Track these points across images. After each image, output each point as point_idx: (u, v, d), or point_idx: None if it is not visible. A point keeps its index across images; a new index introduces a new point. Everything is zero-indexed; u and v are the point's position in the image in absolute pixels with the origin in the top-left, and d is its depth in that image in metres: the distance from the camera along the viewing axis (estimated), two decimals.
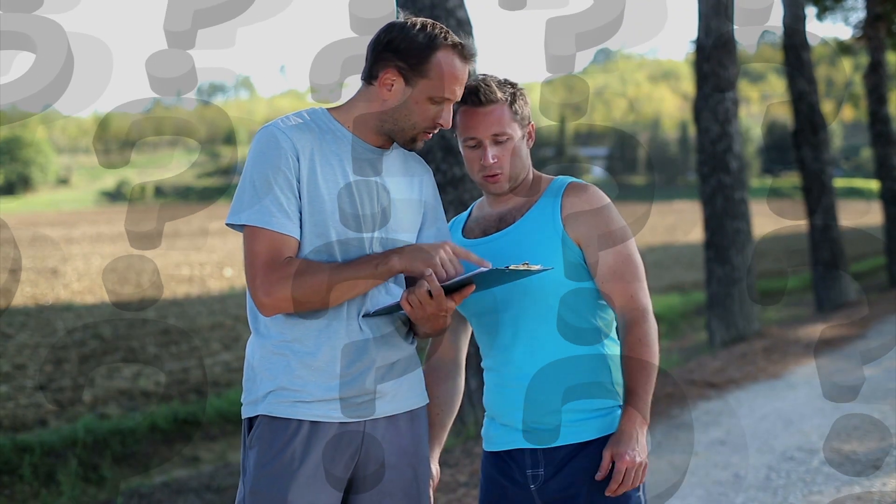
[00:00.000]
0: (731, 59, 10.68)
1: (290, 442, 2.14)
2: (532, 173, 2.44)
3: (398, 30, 2.19)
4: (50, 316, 13.72)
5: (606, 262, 2.30)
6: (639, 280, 2.32)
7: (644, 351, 2.26)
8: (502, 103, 2.34)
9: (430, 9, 5.96)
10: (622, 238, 2.32)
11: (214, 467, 7.01)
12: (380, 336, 2.22)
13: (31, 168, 67.21)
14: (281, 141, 2.15)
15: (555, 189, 2.38)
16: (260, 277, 2.11)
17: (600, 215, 2.32)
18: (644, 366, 2.25)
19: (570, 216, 2.32)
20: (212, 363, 10.73)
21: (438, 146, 6.17)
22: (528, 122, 2.40)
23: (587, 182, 2.41)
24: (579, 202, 2.33)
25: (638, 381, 2.25)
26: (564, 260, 2.30)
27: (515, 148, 2.35)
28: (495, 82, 2.36)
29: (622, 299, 2.30)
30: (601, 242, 2.30)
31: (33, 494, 6.42)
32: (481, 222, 2.45)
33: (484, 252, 2.33)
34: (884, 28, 16.27)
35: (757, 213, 11.74)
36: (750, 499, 4.86)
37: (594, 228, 2.30)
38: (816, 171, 13.61)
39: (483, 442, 2.46)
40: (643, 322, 2.29)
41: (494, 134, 2.33)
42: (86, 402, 8.76)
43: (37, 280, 18.23)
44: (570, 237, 2.30)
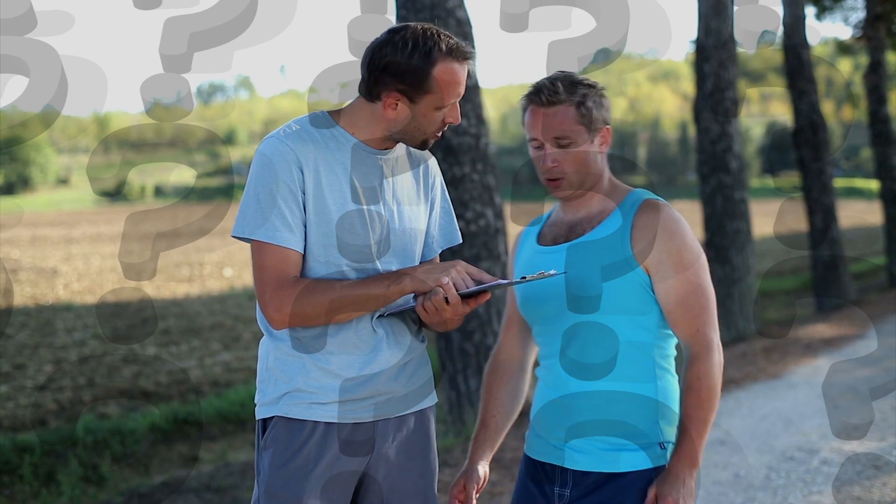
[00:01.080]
0: (731, 59, 10.69)
1: (306, 443, 2.16)
2: (608, 181, 2.31)
3: (391, 51, 2.13)
4: (50, 316, 13.72)
5: (675, 290, 2.18)
6: (707, 312, 2.19)
7: (703, 390, 2.15)
8: (568, 104, 2.22)
9: (430, 9, 5.96)
10: (693, 265, 2.19)
11: (214, 467, 7.00)
12: (392, 337, 2.23)
13: (31, 168, 67.23)
14: (284, 153, 2.14)
15: (629, 204, 2.25)
16: (269, 294, 2.12)
17: (673, 239, 2.18)
18: (701, 405, 2.15)
19: (641, 237, 2.19)
20: (212, 363, 10.73)
21: (438, 146, 6.17)
22: (600, 125, 2.25)
23: (664, 201, 2.27)
24: (652, 223, 2.19)
25: (693, 421, 2.15)
26: (628, 283, 2.19)
27: (581, 153, 2.23)
28: (565, 82, 2.23)
29: (687, 331, 2.19)
30: (671, 269, 2.18)
31: (33, 494, 6.42)
32: (554, 228, 2.36)
33: (548, 263, 2.26)
34: (884, 28, 16.27)
35: (757, 213, 11.74)
36: (750, 499, 4.86)
37: (664, 253, 2.18)
38: (816, 171, 13.61)
39: (525, 443, 2.42)
40: (706, 358, 2.17)
41: (556, 137, 2.22)
42: (86, 402, 8.75)
43: (37, 280, 18.22)
44: (637, 260, 2.18)
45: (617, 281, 2.18)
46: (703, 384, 2.15)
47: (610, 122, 2.29)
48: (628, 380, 2.21)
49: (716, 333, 2.20)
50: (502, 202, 6.46)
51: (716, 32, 10.62)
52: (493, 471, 5.32)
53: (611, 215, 2.25)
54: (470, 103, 6.25)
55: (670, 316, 2.20)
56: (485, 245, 6.21)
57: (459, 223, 6.16)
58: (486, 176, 6.30)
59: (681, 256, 2.18)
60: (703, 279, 2.20)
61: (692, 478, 2.14)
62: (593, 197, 2.29)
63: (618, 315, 2.20)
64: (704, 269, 2.21)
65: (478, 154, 6.27)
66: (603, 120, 2.26)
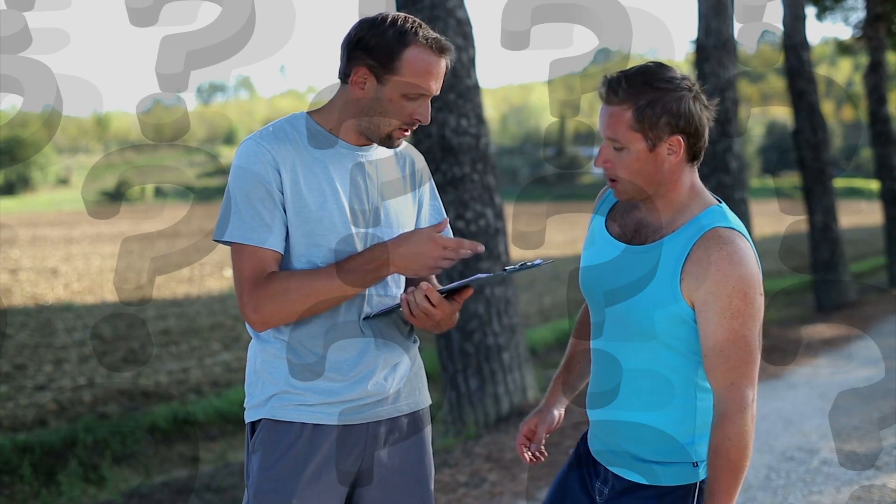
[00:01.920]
0: (731, 59, 10.69)
1: (294, 445, 2.15)
2: (688, 189, 2.12)
3: (368, 27, 2.14)
4: (50, 316, 13.72)
5: (714, 336, 2.01)
6: (746, 366, 2.01)
7: (732, 452, 2.00)
8: (626, 107, 2.03)
9: (429, 9, 5.96)
10: (743, 314, 2.00)
11: (214, 467, 7.00)
12: (381, 338, 2.21)
13: (31, 168, 67.19)
14: (259, 154, 2.13)
15: (695, 228, 2.07)
16: (247, 295, 2.11)
17: (725, 283, 1.99)
18: (730, 469, 2.01)
19: (692, 271, 2.02)
20: (212, 363, 10.72)
21: (438, 146, 6.17)
22: (666, 133, 2.03)
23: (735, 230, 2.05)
24: (707, 259, 2.01)
25: (721, 485, 2.01)
26: (669, 315, 2.05)
27: (634, 160, 2.05)
28: (635, 80, 2.03)
29: (722, 382, 2.02)
30: (715, 313, 2.01)
31: (33, 494, 6.42)
32: (624, 217, 2.20)
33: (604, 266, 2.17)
34: (884, 28, 16.26)
35: (757, 213, 11.73)
36: (750, 499, 4.85)
37: (712, 295, 2.00)
38: (816, 171, 13.61)
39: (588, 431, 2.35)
40: (738, 416, 2.01)
41: (609, 137, 2.07)
42: (86, 401, 8.75)
43: (37, 280, 18.22)
44: (683, 294, 2.03)
45: (659, 309, 2.06)
46: (733, 447, 2.01)
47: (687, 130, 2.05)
48: (665, 397, 2.13)
49: (752, 390, 2.04)
50: (502, 202, 6.46)
51: (716, 32, 10.62)
52: (493, 471, 5.32)
53: (677, 231, 2.09)
54: (470, 103, 6.25)
55: (706, 361, 2.05)
56: (485, 245, 6.21)
57: (459, 223, 6.17)
58: (486, 176, 6.30)
59: (729, 302, 2.00)
60: (750, 330, 2.02)
61: None
62: (667, 204, 2.12)
63: (654, 342, 2.09)
64: (754, 320, 2.02)
65: (478, 154, 6.27)
66: (672, 127, 2.03)
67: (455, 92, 6.13)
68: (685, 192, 2.12)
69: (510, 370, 6.27)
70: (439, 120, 6.10)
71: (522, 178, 66.79)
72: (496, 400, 6.24)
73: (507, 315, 6.29)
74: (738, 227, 2.07)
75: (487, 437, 5.90)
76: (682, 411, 2.13)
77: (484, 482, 5.17)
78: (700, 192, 2.14)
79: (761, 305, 2.04)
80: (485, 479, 5.21)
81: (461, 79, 6.16)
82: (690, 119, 2.05)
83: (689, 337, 2.08)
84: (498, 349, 6.22)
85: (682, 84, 2.05)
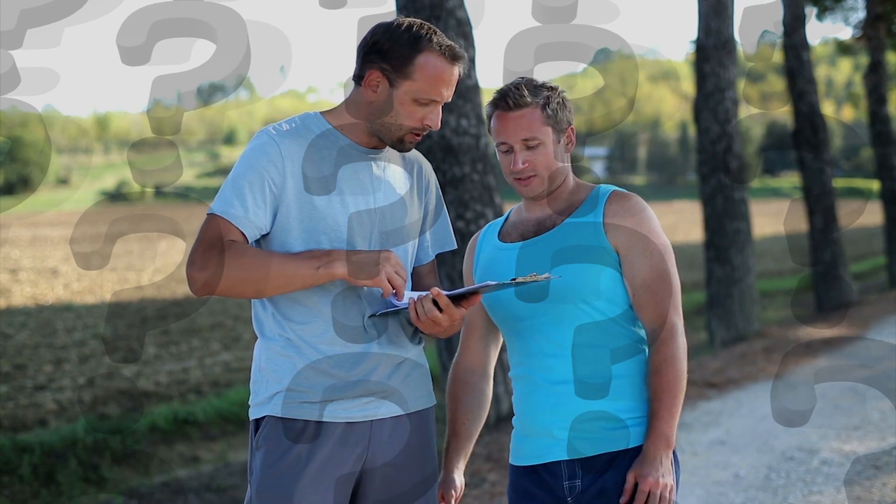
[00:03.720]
0: (731, 59, 10.69)
1: (297, 442, 2.15)
2: (572, 180, 2.38)
3: (383, 31, 2.18)
4: (50, 316, 13.72)
5: (641, 275, 2.24)
6: (672, 297, 2.25)
7: (669, 371, 2.20)
8: (534, 107, 2.28)
9: (429, 9, 5.96)
10: (661, 252, 2.26)
11: (214, 467, 7.01)
12: (385, 337, 2.21)
13: (31, 168, 67.18)
14: (267, 146, 2.15)
15: (597, 196, 2.32)
16: (198, 252, 2.09)
17: (642, 225, 2.25)
18: (669, 386, 2.20)
19: (612, 223, 2.26)
20: (212, 363, 10.73)
21: (438, 146, 6.17)
22: (566, 125, 2.33)
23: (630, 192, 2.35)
24: (622, 210, 2.27)
25: (662, 403, 2.20)
26: (602, 264, 2.24)
27: (549, 153, 2.30)
28: (529, 86, 2.30)
29: (652, 315, 2.25)
30: (639, 253, 2.24)
31: (33, 494, 6.42)
32: (519, 227, 2.40)
33: (521, 255, 2.31)
34: (884, 28, 16.27)
35: (757, 213, 11.73)
36: (750, 499, 4.85)
37: (634, 238, 2.25)
38: (816, 171, 13.61)
39: (511, 456, 2.39)
40: (670, 341, 2.22)
41: (524, 139, 2.28)
42: (86, 401, 8.75)
43: (37, 280, 18.22)
44: (610, 244, 2.25)
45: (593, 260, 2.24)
46: (670, 367, 2.20)
47: (573, 123, 2.36)
48: (618, 357, 2.25)
49: (680, 319, 2.26)
50: (502, 202, 6.46)
51: (716, 32, 10.62)
52: (493, 471, 5.32)
53: (579, 207, 2.32)
54: (470, 103, 6.25)
55: (636, 299, 2.25)
56: None
57: (459, 223, 6.17)
58: (486, 176, 6.30)
59: (648, 242, 2.24)
60: (670, 266, 2.26)
61: (668, 457, 2.19)
62: (561, 194, 2.35)
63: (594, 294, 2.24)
64: (671, 258, 2.27)
65: (478, 154, 6.27)
66: (567, 120, 2.33)
67: (455, 92, 6.13)
68: (574, 181, 2.39)
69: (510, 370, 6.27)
70: None
71: None
72: (496, 400, 6.24)
73: None
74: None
75: (487, 437, 5.90)
76: (637, 366, 2.27)
77: (484, 482, 5.17)
78: (580, 181, 2.41)
79: (671, 247, 2.31)
80: (485, 479, 5.21)
81: (461, 79, 6.16)
82: (572, 113, 2.35)
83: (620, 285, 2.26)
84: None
85: (557, 87, 2.35)
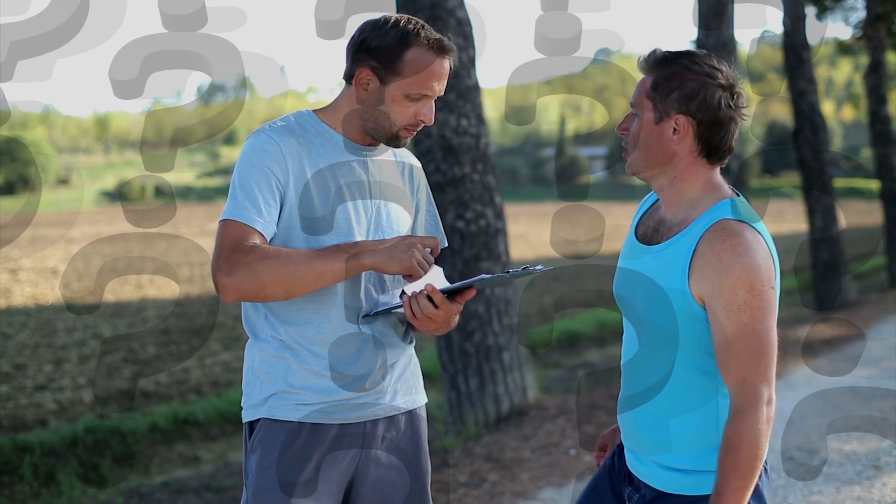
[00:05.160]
0: (731, 60, 10.68)
1: (292, 444, 2.15)
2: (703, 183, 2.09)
3: (371, 28, 2.17)
4: (50, 316, 13.72)
5: (723, 331, 1.95)
6: (759, 359, 1.94)
7: (743, 450, 1.91)
8: (650, 76, 2.07)
9: (429, 9, 5.96)
10: (751, 306, 1.94)
11: (214, 467, 7.01)
12: (379, 337, 2.21)
13: (31, 168, 67.17)
14: (267, 144, 2.15)
15: (706, 220, 2.02)
16: (222, 259, 2.07)
17: (728, 275, 1.93)
18: (740, 468, 1.91)
19: (698, 266, 1.97)
20: (212, 363, 10.73)
21: (438, 146, 6.17)
22: (674, 109, 2.03)
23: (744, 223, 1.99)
24: (711, 252, 1.96)
25: (729, 484, 1.92)
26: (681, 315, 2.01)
27: (643, 129, 2.06)
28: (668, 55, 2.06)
29: (733, 378, 1.95)
30: (722, 307, 1.95)
31: (33, 494, 6.42)
32: (649, 218, 2.21)
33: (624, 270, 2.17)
34: (884, 28, 16.26)
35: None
36: None
37: (717, 289, 1.95)
38: (816, 171, 13.62)
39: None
40: (751, 412, 1.92)
41: (631, 104, 2.11)
42: (86, 402, 8.75)
43: (37, 280, 18.22)
44: (692, 292, 1.99)
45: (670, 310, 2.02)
46: (745, 444, 1.92)
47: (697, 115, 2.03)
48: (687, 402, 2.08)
49: (767, 387, 1.96)
50: (502, 202, 6.46)
51: (716, 32, 10.63)
52: (493, 471, 5.32)
53: (686, 229, 2.05)
54: (470, 103, 6.25)
55: (718, 358, 1.98)
56: (485, 245, 6.21)
57: (459, 223, 6.17)
58: (486, 176, 6.30)
59: (735, 294, 1.94)
60: (761, 322, 1.95)
61: None
62: (676, 197, 2.10)
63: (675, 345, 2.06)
64: (764, 312, 1.95)
65: (478, 154, 6.27)
66: (681, 109, 2.02)
67: (455, 92, 6.13)
68: (697, 187, 2.09)
69: (510, 370, 6.27)
70: (439, 120, 6.10)
71: (522, 177, 66.77)
72: (496, 400, 6.23)
73: (507, 315, 6.29)
74: (748, 219, 2.01)
75: (487, 437, 5.90)
76: (705, 417, 2.07)
77: (484, 482, 5.17)
78: (716, 188, 2.10)
79: (772, 298, 1.98)
80: (485, 479, 5.21)
81: (461, 79, 6.16)
82: (705, 106, 2.02)
83: (707, 338, 2.02)
84: (498, 349, 6.22)
85: (714, 74, 2.03)
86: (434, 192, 6.21)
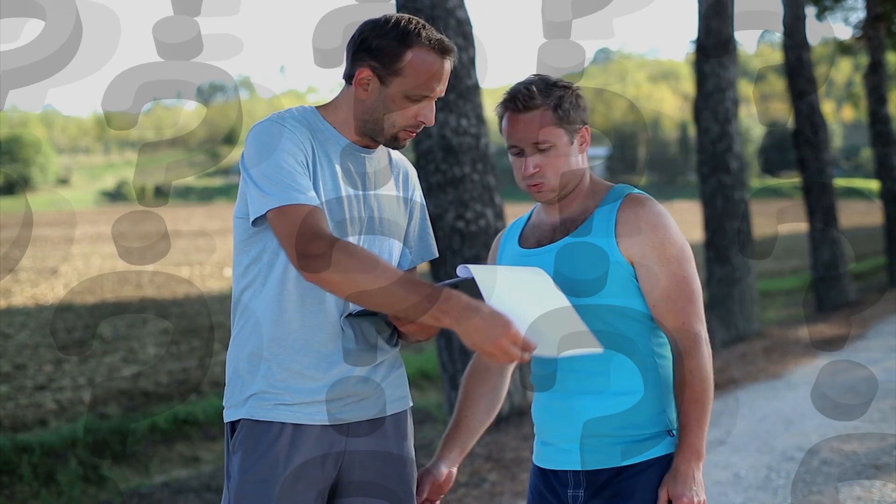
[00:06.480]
0: (731, 59, 10.69)
1: (274, 445, 2.11)
2: (590, 179, 2.29)
3: (371, 28, 2.14)
4: (50, 316, 13.72)
5: (659, 285, 2.16)
6: (693, 304, 2.17)
7: (696, 383, 2.14)
8: (545, 108, 2.19)
9: (429, 8, 5.96)
10: (678, 259, 2.17)
11: (214, 467, 7.00)
12: (362, 337, 2.17)
13: (31, 168, 67.20)
14: (280, 128, 2.11)
15: (612, 199, 2.23)
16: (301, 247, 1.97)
17: (656, 232, 2.16)
18: (697, 399, 2.14)
19: (625, 232, 2.17)
20: (212, 363, 10.73)
21: (438, 146, 6.17)
22: (579, 125, 2.23)
23: (647, 195, 2.25)
24: (635, 217, 2.17)
25: (691, 416, 2.14)
26: (613, 278, 2.17)
27: (562, 156, 2.21)
28: (540, 85, 2.21)
29: (673, 324, 2.17)
30: (655, 262, 2.16)
31: (33, 494, 6.42)
32: (536, 231, 2.32)
33: (535, 264, 2.22)
34: (884, 28, 16.28)
35: (757, 213, 11.74)
36: (750, 499, 4.85)
37: (648, 246, 2.16)
38: (816, 171, 13.62)
39: (533, 454, 2.40)
40: (695, 351, 2.15)
41: (535, 142, 2.19)
42: (85, 402, 8.75)
43: (37, 280, 18.22)
44: (622, 255, 2.17)
45: (602, 276, 2.17)
46: (696, 378, 2.14)
47: (588, 122, 2.26)
48: (628, 372, 2.19)
49: (702, 326, 2.19)
50: (502, 202, 6.46)
51: (716, 32, 10.63)
52: (493, 471, 5.32)
53: (594, 213, 2.23)
54: (470, 103, 6.25)
55: (655, 310, 2.18)
56: (485, 245, 6.21)
57: (459, 223, 6.17)
58: (486, 176, 6.30)
59: (664, 249, 2.16)
60: (689, 272, 2.18)
61: (699, 470, 2.15)
62: (576, 197, 2.27)
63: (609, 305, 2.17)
64: (689, 262, 2.19)
65: (478, 154, 6.27)
66: (581, 120, 2.24)
67: (455, 92, 6.14)
68: (590, 182, 2.30)
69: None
70: (439, 120, 6.10)
71: None
72: None
73: None
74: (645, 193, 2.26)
75: (487, 437, 5.90)
76: (647, 374, 2.20)
77: (484, 482, 5.17)
78: (598, 179, 2.31)
79: (689, 248, 2.21)
80: (485, 479, 5.21)
81: (461, 79, 6.16)
82: (587, 111, 2.27)
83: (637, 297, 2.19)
84: None
85: (572, 84, 2.25)
86: (434, 192, 6.21)
